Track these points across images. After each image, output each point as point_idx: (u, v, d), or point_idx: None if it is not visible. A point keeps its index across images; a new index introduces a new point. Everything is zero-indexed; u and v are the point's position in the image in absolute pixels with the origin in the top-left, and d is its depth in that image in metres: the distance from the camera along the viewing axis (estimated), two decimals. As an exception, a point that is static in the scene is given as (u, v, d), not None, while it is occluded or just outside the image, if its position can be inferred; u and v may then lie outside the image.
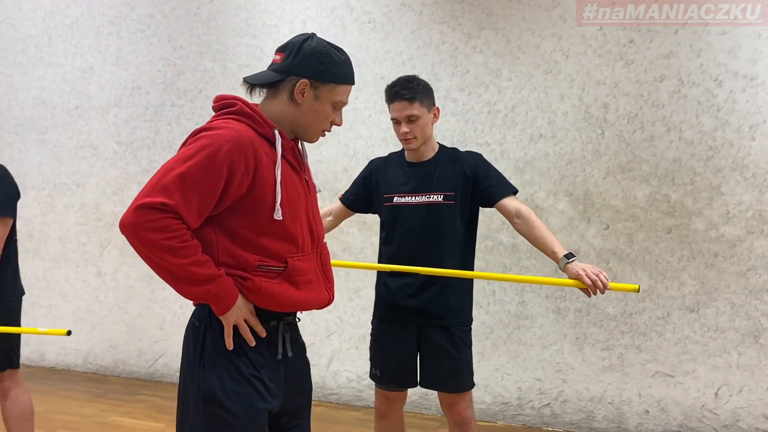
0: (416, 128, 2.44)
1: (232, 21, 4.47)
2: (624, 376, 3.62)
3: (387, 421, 2.66)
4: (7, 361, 3.03)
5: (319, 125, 1.75)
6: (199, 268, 1.56)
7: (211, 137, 1.58)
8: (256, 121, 1.66)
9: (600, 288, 2.11)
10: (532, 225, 2.34)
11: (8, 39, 5.23)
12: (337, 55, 1.71)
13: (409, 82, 2.45)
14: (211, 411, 1.64)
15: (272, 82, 1.70)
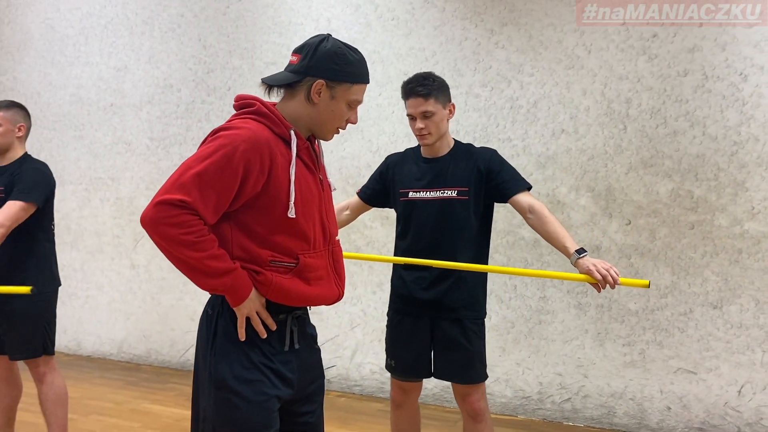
0: (431, 124, 2.48)
1: (259, 19, 4.56)
2: (645, 372, 3.60)
3: (402, 410, 2.71)
4: (42, 347, 3.17)
5: (334, 123, 1.81)
6: (216, 261, 1.64)
7: (229, 137, 1.65)
8: (273, 121, 1.72)
9: (610, 283, 2.13)
10: (545, 220, 2.37)
11: (47, 39, 5.42)
12: (352, 56, 1.76)
13: (425, 79, 2.49)
14: (222, 396, 1.72)
15: (290, 83, 1.75)
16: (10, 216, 2.95)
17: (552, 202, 3.76)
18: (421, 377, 2.62)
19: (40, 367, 3.20)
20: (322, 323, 4.45)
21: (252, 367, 1.72)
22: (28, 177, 3.10)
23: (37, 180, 3.12)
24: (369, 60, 4.11)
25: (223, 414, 1.73)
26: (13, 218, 2.96)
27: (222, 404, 1.72)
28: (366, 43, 4.21)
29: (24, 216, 3.00)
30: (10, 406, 3.38)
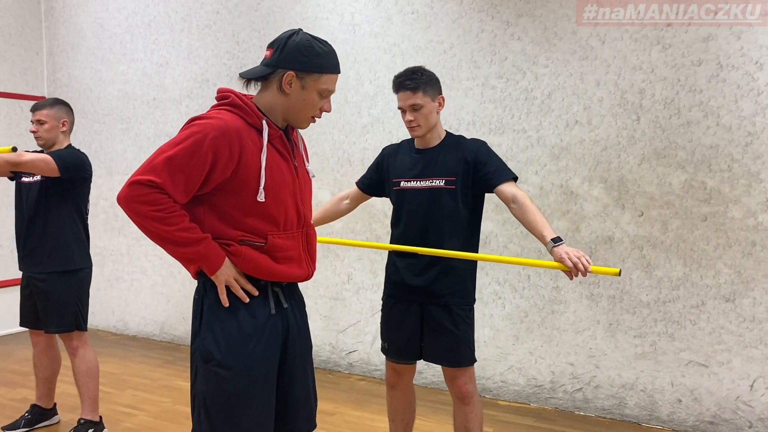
0: (420, 116, 2.57)
1: (288, 15, 4.73)
2: (656, 364, 3.59)
3: (396, 391, 2.83)
4: (75, 323, 3.44)
5: (307, 112, 1.90)
6: (185, 232, 1.77)
7: (201, 125, 1.78)
8: (246, 111, 1.83)
9: (581, 270, 2.17)
10: (525, 209, 2.42)
11: (98, 37, 5.76)
12: (320, 48, 1.85)
13: (414, 73, 2.57)
14: (208, 369, 1.84)
15: (264, 76, 1.86)
16: (31, 156, 3.21)
17: (565, 193, 3.78)
18: (412, 359, 2.72)
19: (73, 341, 3.47)
20: (345, 309, 4.60)
21: (236, 338, 1.82)
22: (63, 151, 3.37)
23: (69, 154, 3.37)
24: (389, 53, 4.25)
25: (211, 386, 1.84)
26: (32, 159, 3.19)
27: (210, 377, 1.84)
28: (387, 37, 4.31)
29: (42, 167, 3.21)
30: (50, 377, 3.68)
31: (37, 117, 3.40)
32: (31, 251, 3.45)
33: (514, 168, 3.87)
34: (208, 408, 1.86)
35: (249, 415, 1.86)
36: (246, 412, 1.85)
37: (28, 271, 3.49)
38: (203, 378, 1.86)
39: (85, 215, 3.56)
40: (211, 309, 1.88)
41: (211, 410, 1.85)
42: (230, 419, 1.84)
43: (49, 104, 3.45)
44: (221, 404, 1.84)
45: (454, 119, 4.10)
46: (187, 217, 1.80)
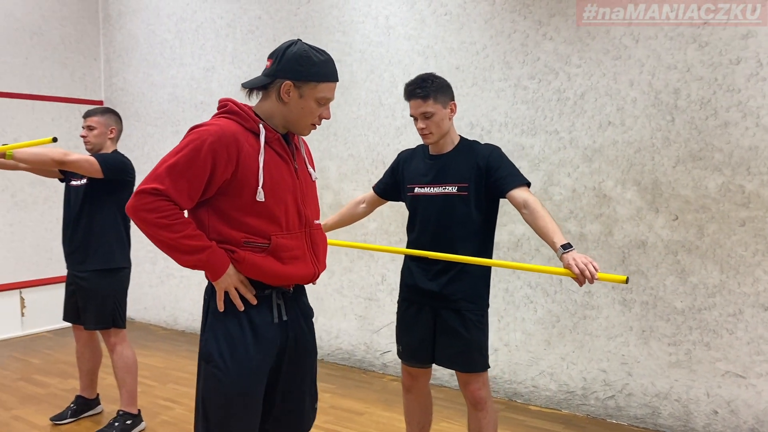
0: (431, 124, 2.58)
1: (325, 20, 4.79)
2: (691, 373, 3.47)
3: (412, 395, 2.84)
4: (111, 321, 3.60)
5: (306, 120, 1.96)
6: (190, 240, 1.83)
7: (199, 133, 1.86)
8: (243, 117, 1.90)
9: (588, 278, 2.14)
10: (536, 215, 2.39)
11: (150, 43, 5.99)
12: (317, 57, 1.90)
13: (424, 81, 2.58)
14: (208, 369, 1.93)
15: (263, 85, 1.94)
16: (77, 156, 3.36)
17: (598, 196, 3.69)
18: (425, 363, 2.73)
19: (111, 338, 3.64)
20: (379, 309, 4.64)
21: (235, 342, 1.90)
22: (108, 154, 3.53)
23: (113, 157, 3.53)
24: (423, 55, 4.26)
25: (209, 386, 1.93)
26: (78, 159, 3.34)
27: (208, 377, 1.93)
28: (420, 39, 4.31)
29: (86, 168, 3.36)
30: (92, 369, 3.88)
31: (87, 123, 3.58)
32: (75, 250, 3.63)
33: (546, 171, 3.82)
34: (206, 407, 1.93)
35: (241, 418, 1.92)
36: (238, 415, 1.91)
37: (71, 268, 3.68)
38: (203, 377, 1.95)
39: (127, 218, 3.70)
40: (215, 313, 1.96)
41: (207, 409, 1.93)
42: (223, 420, 1.91)
43: (100, 112, 3.62)
44: (217, 404, 1.91)
45: (486, 120, 4.07)
46: (192, 225, 1.86)
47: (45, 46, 5.98)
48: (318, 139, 4.88)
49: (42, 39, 5.96)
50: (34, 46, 5.91)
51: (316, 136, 4.88)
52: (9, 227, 5.74)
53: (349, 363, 4.85)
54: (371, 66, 4.56)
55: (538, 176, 3.89)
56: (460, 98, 4.16)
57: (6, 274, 5.68)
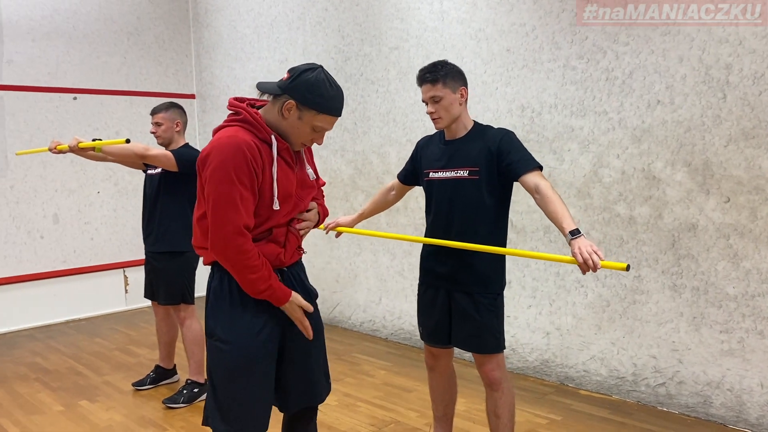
0: (440, 108, 2.64)
1: (384, 7, 4.90)
2: (744, 362, 3.31)
3: (434, 373, 2.94)
4: (181, 296, 3.96)
5: (299, 139, 2.07)
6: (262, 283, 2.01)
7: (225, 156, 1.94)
8: (257, 128, 2.01)
9: (591, 266, 2.14)
10: (547, 200, 2.40)
11: (232, 38, 6.37)
12: (327, 90, 2.00)
13: (435, 66, 2.64)
14: (211, 344, 2.11)
15: (274, 94, 2.05)
16: (156, 151, 3.75)
17: (647, 178, 3.58)
18: (443, 344, 2.82)
19: (181, 313, 4.01)
20: (436, 291, 4.73)
21: (237, 317, 2.04)
22: (182, 149, 3.86)
23: (186, 152, 3.85)
24: (475, 38, 4.31)
25: (214, 359, 2.08)
26: (156, 154, 3.72)
27: (212, 351, 2.11)
28: (472, 22, 4.32)
29: (164, 162, 3.73)
30: (170, 342, 4.28)
31: (155, 120, 3.94)
32: (150, 233, 4.02)
33: (596, 152, 3.76)
34: (213, 380, 2.11)
35: (246, 389, 2.06)
36: (243, 386, 2.05)
37: (147, 249, 4.07)
38: (209, 352, 2.12)
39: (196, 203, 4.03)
40: (217, 292, 2.11)
41: (215, 382, 2.11)
42: (229, 391, 2.06)
43: (164, 108, 3.96)
44: (221, 377, 2.08)
45: (536, 102, 4.03)
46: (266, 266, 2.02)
47: (141, 46, 6.52)
48: (378, 125, 5.02)
49: (138, 39, 6.50)
50: (131, 46, 6.45)
51: (377, 123, 5.02)
52: (113, 212, 6.35)
53: (410, 343, 4.99)
54: (427, 51, 4.63)
55: (588, 158, 3.82)
56: (511, 80, 4.15)
57: (111, 255, 6.30)
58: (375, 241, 5.18)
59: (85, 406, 3.93)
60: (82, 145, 3.64)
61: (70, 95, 6.09)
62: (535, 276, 4.15)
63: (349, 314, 5.53)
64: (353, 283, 5.45)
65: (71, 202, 6.11)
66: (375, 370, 4.44)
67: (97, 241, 6.27)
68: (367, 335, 5.34)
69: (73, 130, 6.06)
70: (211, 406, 2.10)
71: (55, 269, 6.01)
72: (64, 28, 6.04)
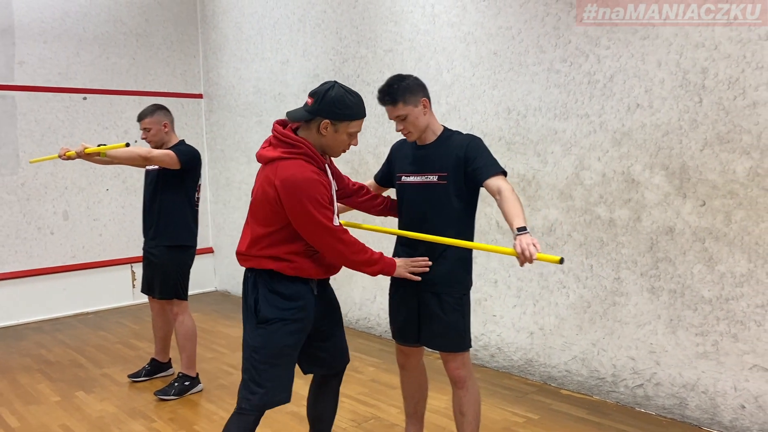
0: (408, 125, 2.71)
1: (379, 10, 4.98)
2: (719, 365, 3.33)
3: (405, 371, 3.02)
4: (174, 292, 4.09)
5: (340, 148, 2.48)
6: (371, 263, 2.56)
7: (309, 185, 2.33)
8: (316, 160, 2.41)
9: (527, 258, 2.22)
10: (505, 200, 2.47)
11: (237, 39, 6.50)
12: (350, 100, 2.38)
13: (390, 86, 2.68)
14: (262, 328, 2.44)
15: (306, 120, 2.41)
16: (159, 152, 3.87)
17: (627, 181, 3.61)
18: (411, 342, 2.89)
19: (174, 308, 4.13)
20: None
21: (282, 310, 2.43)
22: (182, 147, 3.99)
23: (188, 150, 3.98)
24: (464, 41, 4.38)
25: (263, 341, 2.43)
26: (158, 155, 3.85)
27: (262, 334, 2.43)
28: (462, 26, 4.38)
29: (167, 161, 3.86)
30: (165, 336, 4.41)
31: (142, 126, 4.06)
32: (148, 228, 4.16)
33: (578, 155, 3.81)
34: (255, 358, 2.44)
35: (290, 361, 2.51)
36: (290, 359, 2.50)
37: (145, 244, 4.21)
38: (258, 335, 2.44)
39: (194, 202, 4.13)
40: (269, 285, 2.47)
41: (261, 359, 2.44)
42: (275, 364, 2.45)
43: (149, 112, 4.07)
44: (268, 355, 2.44)
45: (521, 105, 4.08)
46: (367, 249, 2.55)
47: (149, 47, 6.69)
48: (374, 126, 5.10)
49: (147, 40, 6.67)
50: (140, 47, 6.62)
51: (372, 124, 5.11)
52: (121, 209, 6.53)
53: (402, 340, 5.07)
54: (419, 54, 4.70)
55: (570, 160, 3.86)
56: (498, 83, 4.20)
57: (119, 250, 6.49)
58: (371, 240, 5.26)
59: (80, 397, 4.09)
60: (88, 150, 3.78)
61: (81, 95, 6.27)
62: (519, 276, 4.20)
63: (345, 312, 5.62)
64: (349, 281, 5.55)
65: (81, 199, 6.30)
66: (364, 367, 4.53)
67: (106, 237, 6.46)
68: (362, 332, 5.43)
69: (83, 129, 6.25)
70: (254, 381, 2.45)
71: (64, 264, 6.21)
72: (74, 30, 6.22)
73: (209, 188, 7.07)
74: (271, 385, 2.44)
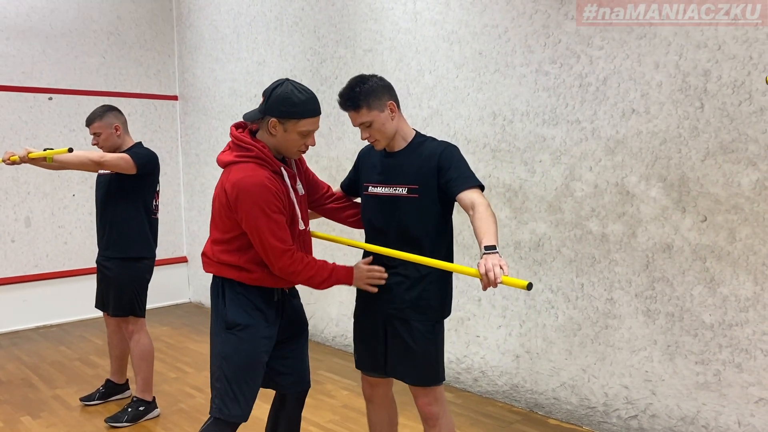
0: (374, 131, 2.40)
1: (359, 8, 4.67)
2: (721, 397, 3.02)
3: (372, 405, 2.69)
4: (130, 309, 3.75)
5: (293, 148, 2.32)
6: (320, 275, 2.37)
7: (258, 189, 2.21)
8: (269, 162, 2.28)
9: (491, 280, 1.91)
10: (477, 216, 2.16)
11: (212, 38, 6.18)
12: (298, 97, 2.23)
13: (352, 90, 2.36)
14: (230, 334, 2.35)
15: (257, 120, 2.30)
16: (113, 156, 3.54)
17: (621, 193, 3.31)
18: (376, 373, 2.57)
19: (129, 326, 3.80)
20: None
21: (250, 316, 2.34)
22: (139, 149, 3.67)
23: (145, 154, 3.66)
24: (447, 41, 4.05)
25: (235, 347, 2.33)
26: (112, 159, 3.52)
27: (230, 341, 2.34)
28: (445, 24, 4.08)
29: (122, 165, 3.53)
30: (121, 355, 4.07)
31: (92, 131, 3.71)
32: (101, 238, 3.83)
33: (568, 164, 3.50)
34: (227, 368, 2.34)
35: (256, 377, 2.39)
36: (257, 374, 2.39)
37: (98, 256, 3.88)
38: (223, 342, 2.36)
39: (151, 210, 3.80)
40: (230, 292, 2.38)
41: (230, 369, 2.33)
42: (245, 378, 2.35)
43: (98, 115, 3.71)
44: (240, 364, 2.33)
45: (508, 109, 3.77)
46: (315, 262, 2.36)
47: (121, 46, 6.36)
48: (353, 131, 4.80)
49: (118, 39, 6.34)
50: (111, 45, 6.29)
51: (351, 128, 4.79)
52: (88, 216, 6.18)
53: (380, 360, 4.75)
54: (400, 54, 4.39)
55: (560, 170, 3.55)
56: (483, 86, 3.90)
57: (86, 260, 6.12)
58: (348, 251, 4.94)
59: (25, 422, 3.75)
60: (32, 155, 3.46)
61: (46, 95, 5.93)
62: (505, 294, 3.89)
63: (322, 328, 5.30)
64: (326, 295, 5.22)
65: (44, 205, 5.96)
66: (337, 390, 4.21)
67: (71, 246, 6.11)
68: (339, 350, 5.10)
69: (47, 131, 5.92)
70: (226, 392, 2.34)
71: (26, 273, 5.86)
72: (40, 26, 5.89)
73: (183, 194, 6.73)
74: (244, 397, 2.36)
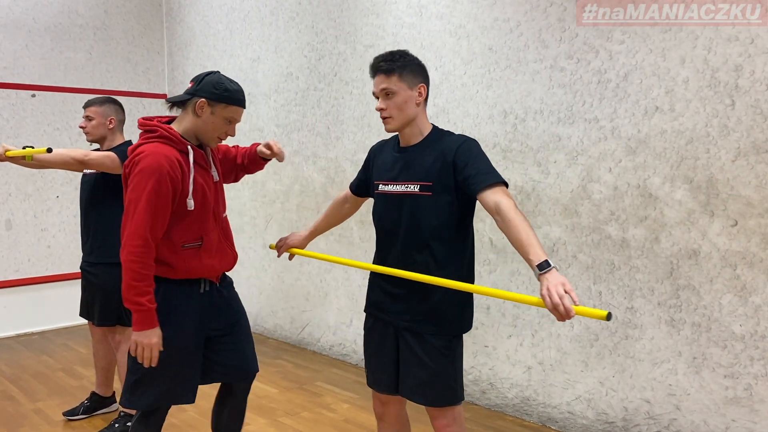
0: (392, 105, 2.20)
1: (359, 1, 4.47)
2: (753, 413, 2.84)
3: (383, 423, 2.49)
4: (117, 318, 3.52)
5: (215, 133, 2.33)
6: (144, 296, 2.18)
7: (150, 166, 2.15)
8: (174, 141, 2.26)
9: (562, 315, 1.70)
10: (509, 224, 1.95)
11: (205, 34, 5.95)
12: (230, 85, 2.30)
13: (392, 55, 2.20)
14: None
15: (183, 101, 2.31)
16: (97, 154, 3.31)
17: (642, 195, 3.12)
18: (388, 392, 2.36)
19: (116, 336, 3.56)
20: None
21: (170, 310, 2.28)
22: (122, 147, 3.41)
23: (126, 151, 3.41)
24: (455, 35, 3.86)
25: None
26: (97, 158, 3.29)
27: None
28: (453, 18, 3.88)
29: (108, 165, 3.30)
30: (107, 366, 3.83)
31: (86, 113, 3.51)
32: (85, 242, 3.60)
33: (585, 165, 3.32)
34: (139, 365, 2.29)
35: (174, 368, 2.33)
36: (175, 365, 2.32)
37: (83, 261, 3.64)
38: None
39: None
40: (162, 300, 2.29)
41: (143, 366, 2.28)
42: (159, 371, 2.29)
43: (99, 102, 3.53)
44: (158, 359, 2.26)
45: (520, 108, 3.58)
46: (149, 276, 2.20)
47: (108, 41, 6.10)
48: (353, 130, 4.59)
49: (105, 34, 6.08)
50: (97, 41, 6.04)
51: (351, 127, 4.59)
52: (73, 218, 5.92)
53: (381, 370, 4.53)
54: (404, 50, 4.18)
55: (576, 171, 3.36)
56: (493, 83, 3.70)
57: (70, 264, 5.86)
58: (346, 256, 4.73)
59: (3, 439, 3.50)
60: (9, 153, 3.21)
61: (29, 92, 5.66)
62: (515, 302, 3.69)
63: (318, 336, 5.07)
64: (323, 302, 5.00)
65: (27, 207, 5.68)
66: (337, 404, 3.99)
67: (55, 249, 5.84)
68: (336, 360, 4.88)
69: (31, 129, 5.65)
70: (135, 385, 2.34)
71: (6, 279, 5.58)
72: (23, 20, 5.62)
73: (173, 196, 6.48)
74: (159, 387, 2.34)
